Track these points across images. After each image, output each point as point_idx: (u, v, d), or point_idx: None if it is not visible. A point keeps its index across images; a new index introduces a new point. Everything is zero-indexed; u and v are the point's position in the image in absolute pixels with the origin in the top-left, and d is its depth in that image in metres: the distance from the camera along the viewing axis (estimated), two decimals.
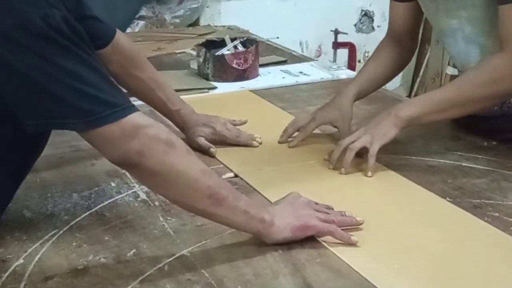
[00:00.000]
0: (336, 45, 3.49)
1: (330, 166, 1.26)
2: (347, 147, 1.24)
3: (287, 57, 2.18)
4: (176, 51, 2.30)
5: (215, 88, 1.83)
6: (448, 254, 0.96)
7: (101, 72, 0.90)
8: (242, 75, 1.88)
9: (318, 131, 1.42)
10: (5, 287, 0.89)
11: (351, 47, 3.48)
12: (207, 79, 1.88)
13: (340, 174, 1.23)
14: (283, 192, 1.07)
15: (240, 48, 1.95)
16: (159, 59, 2.20)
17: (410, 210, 1.10)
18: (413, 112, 1.23)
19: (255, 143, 1.38)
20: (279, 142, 1.39)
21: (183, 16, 3.11)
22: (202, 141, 1.37)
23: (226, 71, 1.87)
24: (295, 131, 1.39)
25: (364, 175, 1.23)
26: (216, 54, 1.89)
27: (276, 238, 0.97)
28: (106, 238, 1.02)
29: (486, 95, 1.22)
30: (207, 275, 0.92)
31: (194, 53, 2.05)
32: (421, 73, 3.79)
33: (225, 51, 1.91)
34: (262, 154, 1.36)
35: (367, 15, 3.66)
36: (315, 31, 3.54)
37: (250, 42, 1.98)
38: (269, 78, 1.93)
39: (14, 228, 1.04)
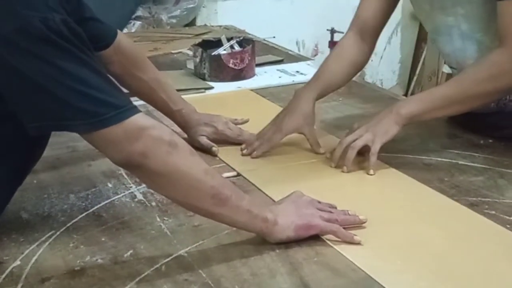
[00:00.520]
0: (332, 44, 3.48)
1: (332, 164, 1.26)
2: (349, 145, 1.23)
3: (283, 56, 2.19)
4: (173, 51, 2.30)
5: (211, 88, 1.83)
6: (451, 250, 0.97)
7: (102, 73, 0.91)
8: (239, 75, 1.88)
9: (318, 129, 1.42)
10: None
11: None
12: (204, 79, 1.88)
13: (342, 172, 1.23)
14: (285, 191, 1.07)
15: (237, 48, 1.95)
16: (155, 59, 2.19)
17: (412, 207, 1.11)
18: (414, 109, 1.23)
19: (256, 144, 1.36)
20: (242, 155, 1.34)
21: (179, 16, 3.11)
22: (204, 140, 1.37)
23: (222, 71, 1.87)
24: (261, 144, 1.34)
25: (366, 173, 1.23)
26: (213, 54, 1.89)
27: (280, 237, 0.97)
28: (103, 239, 1.02)
29: (487, 91, 1.22)
30: (204, 275, 0.92)
31: (191, 53, 2.05)
32: (417, 71, 3.80)
33: (221, 51, 1.91)
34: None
35: None
36: (312, 30, 3.54)
37: (246, 41, 1.98)
38: (265, 77, 1.93)
39: (11, 229, 1.04)
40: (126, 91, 1.30)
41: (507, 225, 1.04)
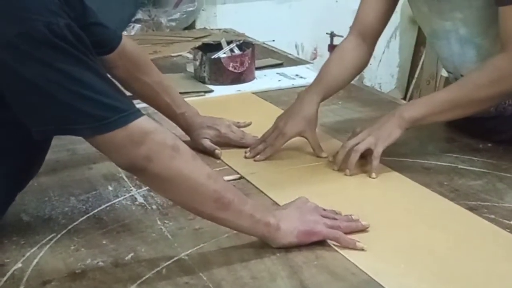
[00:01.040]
0: (331, 47, 3.49)
1: (335, 167, 1.26)
2: (351, 148, 1.24)
3: (283, 60, 2.19)
4: (172, 54, 2.31)
5: (211, 91, 1.84)
6: (453, 253, 0.97)
7: (105, 77, 0.92)
8: (239, 78, 1.89)
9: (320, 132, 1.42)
10: None
11: None
12: (204, 82, 1.89)
13: (344, 176, 1.24)
14: (288, 194, 1.08)
15: (236, 51, 1.95)
16: (155, 62, 2.15)
17: (415, 211, 1.11)
18: (416, 113, 1.23)
19: (259, 147, 1.36)
20: (246, 158, 1.34)
21: (179, 19, 3.11)
22: (207, 143, 1.37)
23: (222, 74, 1.87)
24: (265, 147, 1.35)
25: (368, 176, 1.23)
26: (213, 57, 1.90)
27: (282, 242, 0.97)
28: (104, 242, 1.02)
29: (489, 95, 1.23)
30: (204, 278, 0.92)
31: (191, 56, 2.06)
32: (416, 75, 3.81)
33: (221, 54, 1.92)
34: None
35: None
36: (311, 33, 3.54)
37: (246, 45, 1.99)
38: (265, 81, 1.94)
39: (12, 232, 1.04)
40: (129, 94, 1.31)
41: (506, 229, 1.04)
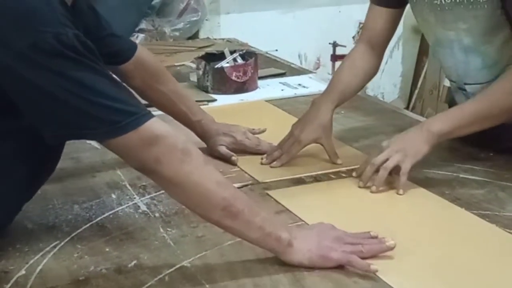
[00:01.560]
0: (334, 57, 3.50)
1: (361, 184, 1.23)
2: (379, 166, 1.21)
3: (286, 69, 2.20)
4: (176, 64, 2.32)
5: (214, 100, 1.85)
6: (483, 270, 0.96)
7: (115, 82, 0.93)
8: (242, 88, 1.90)
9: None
10: None
11: None
12: (207, 91, 1.90)
13: (369, 191, 1.22)
14: (314, 212, 1.11)
15: (239, 60, 1.96)
16: None
17: (442, 226, 1.09)
18: (445, 127, 1.22)
19: (276, 154, 1.37)
20: (262, 164, 1.36)
21: (182, 29, 3.13)
22: (223, 150, 1.39)
23: (225, 83, 1.89)
24: (281, 154, 1.36)
25: (396, 193, 1.21)
26: (216, 66, 1.91)
27: (292, 259, 0.96)
28: (107, 249, 1.03)
29: None
30: (207, 286, 0.93)
31: (194, 65, 2.07)
32: (419, 85, 3.81)
33: (224, 63, 1.93)
34: None
35: None
36: (314, 43, 3.56)
37: (249, 54, 2.00)
38: (268, 90, 1.95)
39: (16, 239, 1.05)
40: (145, 102, 1.32)
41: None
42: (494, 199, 1.19)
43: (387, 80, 3.85)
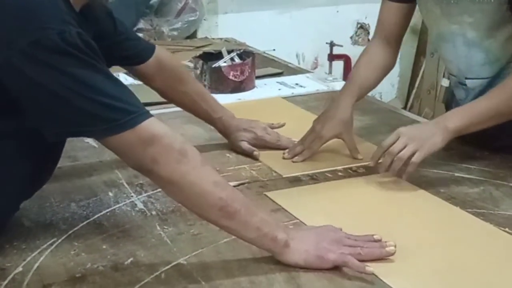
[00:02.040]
0: (331, 57, 3.51)
1: (381, 171, 1.26)
2: (395, 155, 1.23)
3: (283, 69, 2.21)
4: None
5: None
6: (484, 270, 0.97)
7: (115, 80, 0.94)
8: (239, 87, 1.90)
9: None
10: None
11: (346, 59, 3.50)
12: None
13: (371, 193, 1.24)
14: (311, 212, 1.12)
15: (237, 60, 1.97)
16: None
17: (441, 227, 1.09)
18: (462, 123, 1.24)
19: (297, 149, 1.40)
20: (284, 158, 1.39)
21: (180, 29, 3.13)
22: (245, 145, 1.42)
23: (222, 82, 1.89)
24: (302, 150, 1.40)
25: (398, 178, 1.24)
26: (213, 66, 1.91)
27: (287, 259, 0.96)
28: (104, 247, 1.04)
29: None
30: (203, 283, 0.93)
31: (192, 65, 2.07)
32: (416, 85, 3.82)
33: (222, 63, 1.93)
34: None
35: (363, 28, 3.69)
36: (312, 43, 3.56)
37: (246, 54, 2.01)
38: (265, 89, 1.95)
39: (13, 237, 1.05)
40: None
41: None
42: (489, 197, 1.20)
43: (385, 80, 3.84)
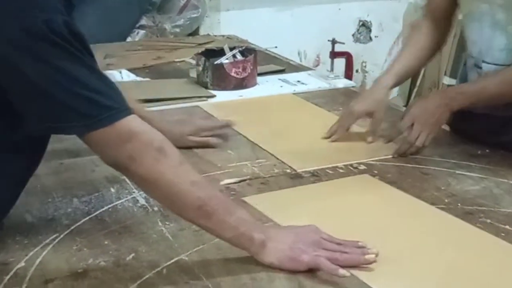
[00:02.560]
0: (333, 54, 3.51)
1: (396, 155, 1.36)
2: (413, 143, 1.34)
3: (285, 66, 2.21)
4: (176, 60, 2.33)
5: (213, 96, 1.86)
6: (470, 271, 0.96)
7: (100, 74, 0.93)
8: (241, 84, 1.91)
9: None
10: None
11: (348, 57, 3.50)
12: (206, 87, 1.91)
13: (359, 195, 1.22)
14: (292, 216, 1.09)
15: (239, 57, 1.97)
16: (159, 68, 2.22)
17: (432, 234, 1.08)
18: (466, 104, 1.32)
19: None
20: (324, 138, 1.46)
21: (183, 26, 3.13)
22: (194, 138, 1.42)
23: (224, 79, 1.89)
24: (338, 128, 1.46)
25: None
26: (215, 63, 1.91)
27: (263, 259, 0.95)
28: (106, 242, 1.04)
29: None
30: (204, 279, 0.94)
31: (194, 62, 2.08)
32: (418, 83, 3.82)
33: (224, 60, 1.94)
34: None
35: (365, 26, 3.68)
36: (314, 41, 3.56)
37: (248, 51, 2.01)
38: (267, 86, 1.96)
39: (15, 232, 1.06)
40: None
41: (501, 233, 1.06)
42: (489, 195, 1.20)
43: None
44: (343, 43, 2.77)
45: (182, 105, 1.78)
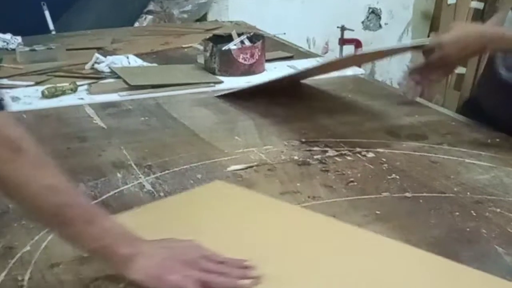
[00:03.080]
0: (342, 41, 3.49)
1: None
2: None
3: (293, 53, 2.19)
4: (183, 46, 2.32)
5: (221, 82, 1.85)
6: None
7: None
8: (249, 70, 1.90)
9: None
10: (11, 273, 0.91)
11: (357, 44, 3.48)
12: (214, 73, 1.90)
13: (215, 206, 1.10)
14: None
15: (247, 43, 1.96)
16: (166, 53, 2.22)
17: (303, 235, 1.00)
18: (503, 48, 1.32)
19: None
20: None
21: (191, 11, 3.12)
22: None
23: (232, 65, 1.88)
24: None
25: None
26: (223, 49, 1.90)
27: (128, 276, 0.86)
28: None
29: None
30: None
31: (201, 47, 2.07)
32: None
33: (231, 45, 1.92)
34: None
35: (374, 13, 3.66)
36: (323, 28, 3.54)
37: (256, 37, 1.99)
38: (275, 73, 1.94)
39: (21, 216, 1.05)
40: None
41: (511, 222, 1.04)
42: (499, 184, 1.19)
43: (396, 66, 3.83)
44: (353, 30, 2.76)
45: (189, 91, 1.78)
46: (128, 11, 3.11)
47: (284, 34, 2.52)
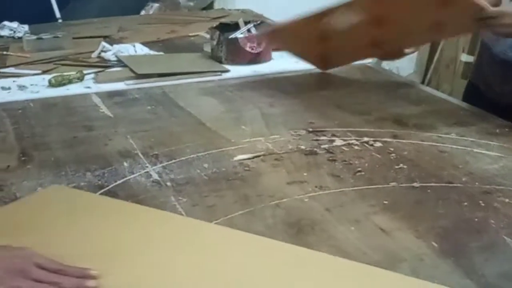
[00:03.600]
0: None
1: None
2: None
3: None
4: (190, 34, 2.31)
5: (228, 71, 1.84)
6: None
7: None
8: (255, 59, 1.89)
9: None
10: None
11: None
12: (220, 62, 1.89)
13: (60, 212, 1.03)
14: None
15: (254, 31, 1.95)
16: (172, 42, 2.21)
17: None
18: None
19: None
20: None
21: (197, 0, 3.11)
22: None
23: (239, 54, 1.87)
24: None
25: None
26: (230, 37, 1.89)
27: None
28: None
29: None
30: None
31: (208, 36, 2.06)
32: (435, 59, 3.77)
33: (238, 34, 1.91)
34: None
35: None
36: None
37: (263, 25, 1.98)
38: (282, 62, 1.93)
39: None
40: None
41: None
42: (508, 174, 1.18)
43: None
44: None
45: (196, 79, 1.77)
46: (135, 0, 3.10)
47: None
